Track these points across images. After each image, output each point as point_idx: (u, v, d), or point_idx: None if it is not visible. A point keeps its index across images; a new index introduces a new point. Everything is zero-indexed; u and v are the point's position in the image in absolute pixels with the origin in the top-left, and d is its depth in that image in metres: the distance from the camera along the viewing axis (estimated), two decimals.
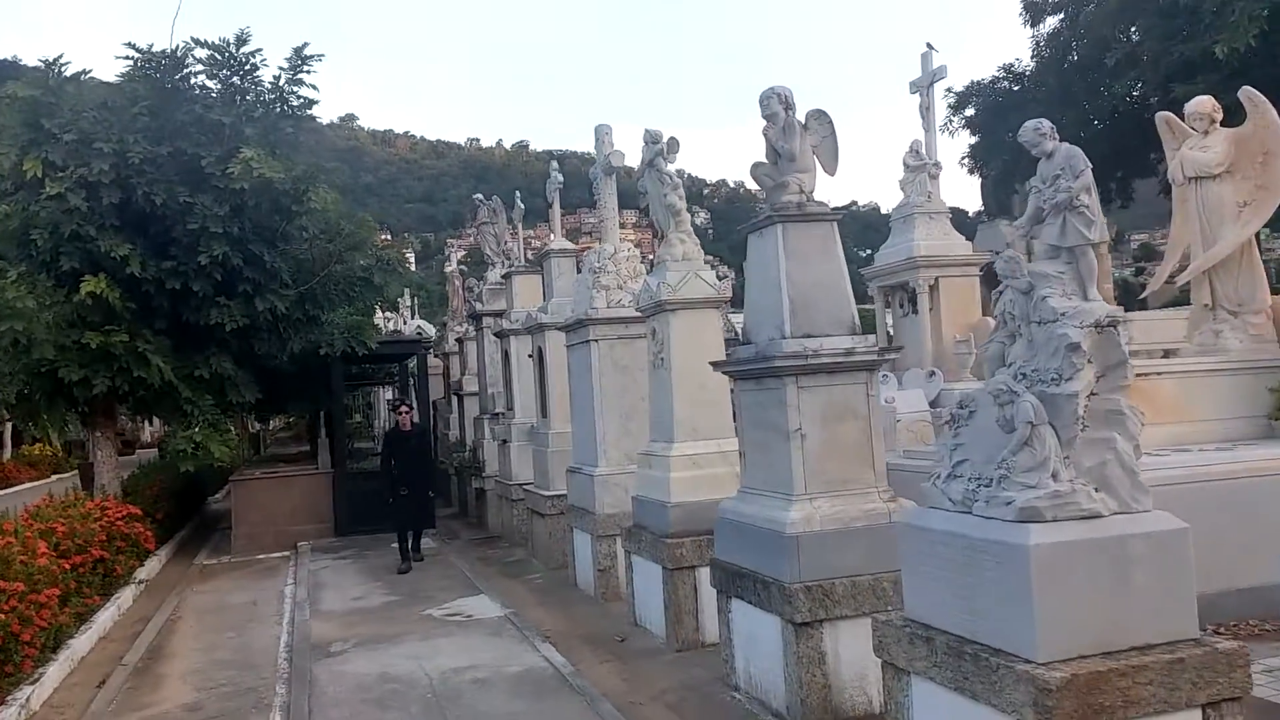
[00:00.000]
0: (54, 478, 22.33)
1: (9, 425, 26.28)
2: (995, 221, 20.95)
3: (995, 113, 25.05)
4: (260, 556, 13.86)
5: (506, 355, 13.44)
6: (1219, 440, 8.10)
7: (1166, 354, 8.92)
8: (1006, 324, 4.38)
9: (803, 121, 6.07)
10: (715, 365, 6.48)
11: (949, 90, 26.26)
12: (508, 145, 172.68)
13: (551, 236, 11.64)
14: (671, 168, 7.76)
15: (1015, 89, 24.85)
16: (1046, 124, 4.18)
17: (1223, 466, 7.07)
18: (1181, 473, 6.82)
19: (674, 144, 7.73)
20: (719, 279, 7.88)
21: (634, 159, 8.98)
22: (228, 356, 13.54)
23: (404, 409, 12.76)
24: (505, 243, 15.34)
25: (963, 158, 27.57)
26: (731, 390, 8.28)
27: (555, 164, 11.84)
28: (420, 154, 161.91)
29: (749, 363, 6.01)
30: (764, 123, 6.14)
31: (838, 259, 6.00)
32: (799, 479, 5.69)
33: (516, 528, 12.92)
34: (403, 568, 11.64)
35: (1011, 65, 24.98)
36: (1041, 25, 23.86)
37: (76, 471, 21.75)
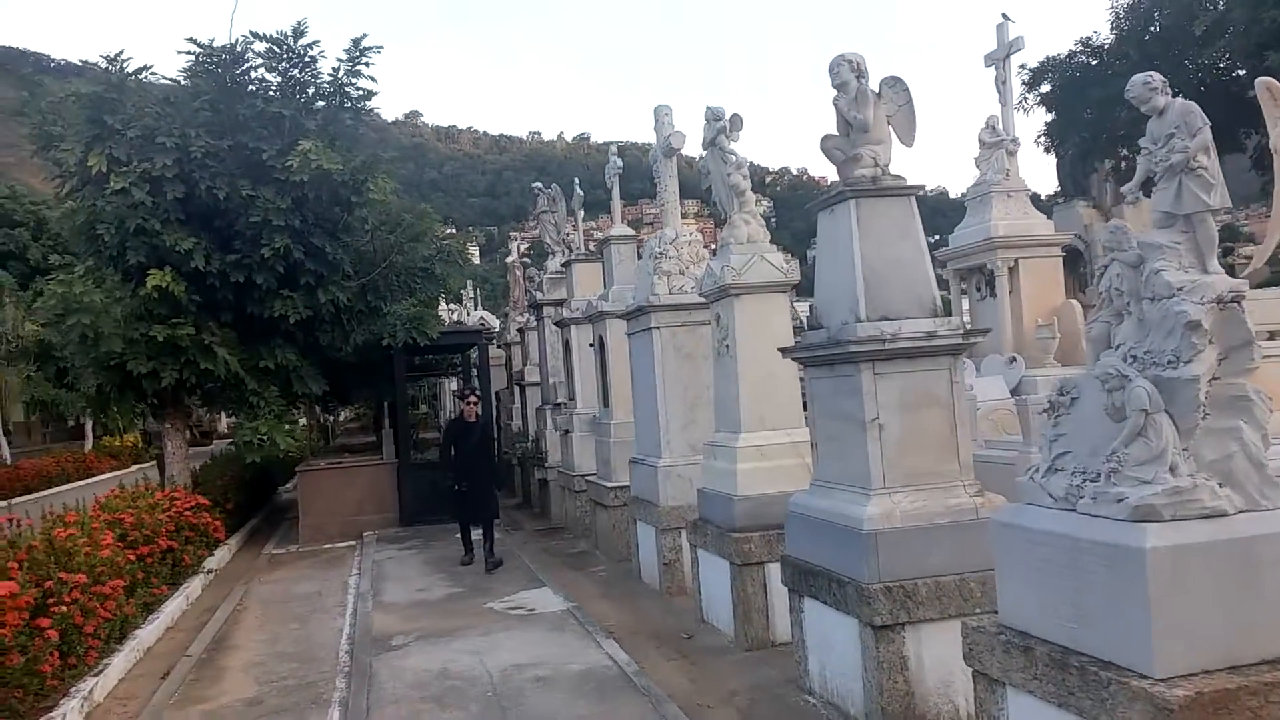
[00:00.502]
0: (134, 468, 22.93)
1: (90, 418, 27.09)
2: (1072, 202, 20.08)
3: (1072, 88, 24.04)
4: (326, 546, 13.90)
5: (567, 344, 13.22)
6: None
7: (1273, 336, 8.29)
8: (1112, 301, 3.96)
9: (876, 90, 5.68)
10: (784, 352, 6.12)
11: (1022, 66, 25.31)
12: (569, 138, 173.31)
13: (612, 224, 11.36)
14: (735, 146, 7.40)
15: (1093, 63, 23.80)
16: (1157, 77, 3.73)
17: None
18: None
19: (737, 121, 7.37)
20: (785, 262, 7.50)
21: (695, 142, 8.66)
22: (292, 348, 13.60)
23: (471, 399, 11.70)
24: (565, 231, 15.12)
25: (1038, 136, 26.53)
26: (801, 378, 7.93)
27: (615, 149, 11.55)
28: (483, 149, 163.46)
29: (820, 348, 5.65)
30: (834, 93, 5.76)
31: (916, 236, 5.60)
32: (877, 472, 5.32)
33: (579, 519, 12.72)
34: (465, 559, 11.22)
35: (1089, 38, 23.94)
36: None
37: (154, 462, 22.24)
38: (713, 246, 9.34)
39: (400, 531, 14.44)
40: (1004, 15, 12.75)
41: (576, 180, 14.64)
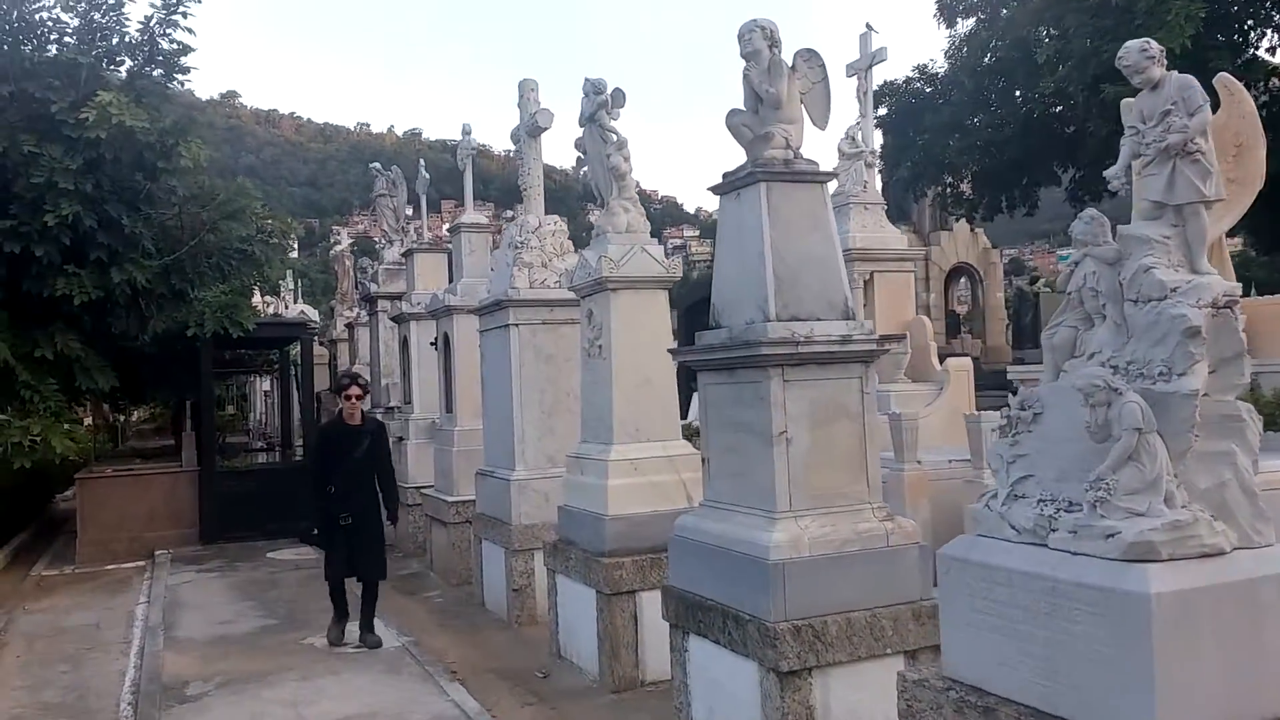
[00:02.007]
0: None
1: None
2: (895, 225, 20.65)
3: (907, 114, 24.78)
4: (110, 567, 12.06)
5: (405, 342, 12.05)
6: None
7: None
8: (1083, 303, 3.45)
9: (790, 63, 5.06)
10: (676, 353, 5.40)
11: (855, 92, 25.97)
12: (399, 132, 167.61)
13: (463, 210, 10.34)
14: (616, 124, 6.64)
15: (928, 90, 24.64)
16: (1155, 46, 3.28)
17: None
18: None
19: (619, 96, 6.62)
20: (666, 256, 6.81)
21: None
22: (76, 335, 11.71)
23: (354, 391, 7.80)
24: (404, 218, 13.90)
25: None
26: (691, 387, 7.27)
27: (467, 126, 10.50)
28: (307, 136, 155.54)
29: (720, 350, 4.96)
30: (743, 63, 5.10)
31: (829, 228, 5.02)
32: (783, 492, 4.67)
33: (411, 536, 11.57)
34: (334, 634, 7.65)
35: (925, 65, 24.77)
36: (957, 26, 23.69)
37: None
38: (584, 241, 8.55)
39: (201, 550, 12.72)
40: (868, 25, 12.66)
41: (422, 162, 13.48)
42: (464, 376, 9.81)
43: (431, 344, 10.69)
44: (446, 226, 10.60)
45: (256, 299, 18.54)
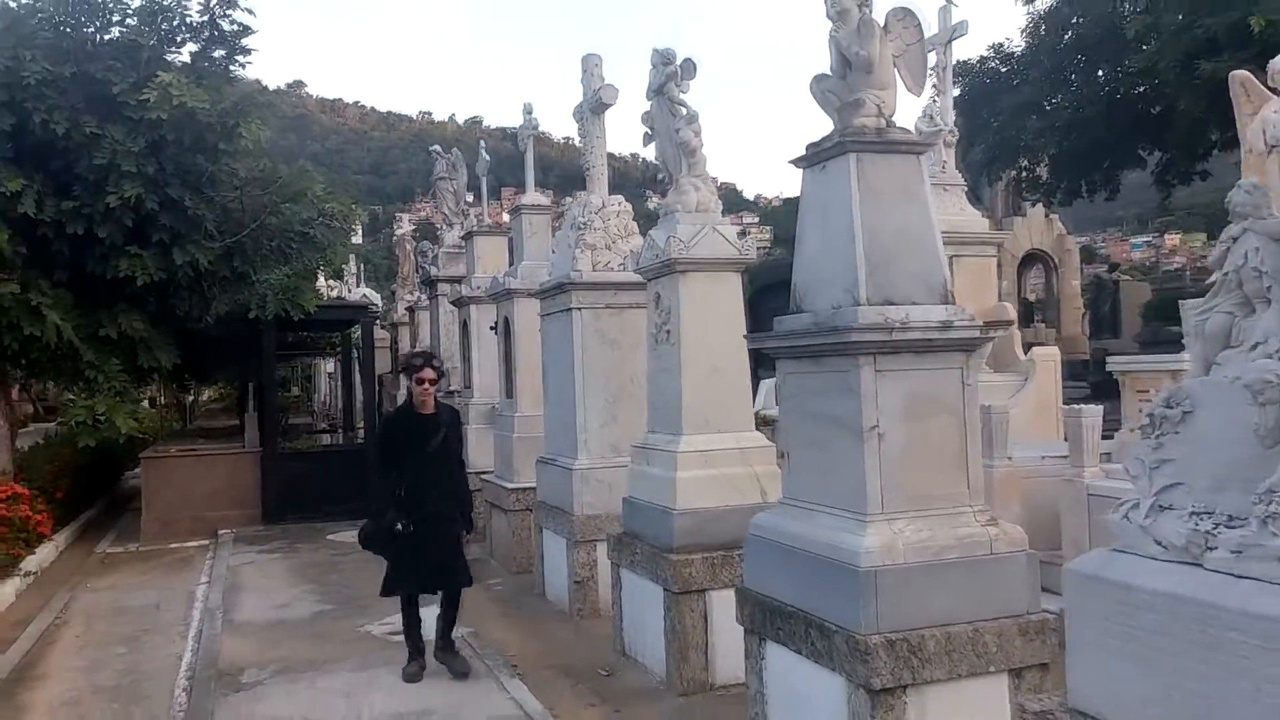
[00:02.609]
0: None
1: None
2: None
3: (982, 95, 23.93)
4: (173, 545, 12.10)
5: (465, 326, 11.83)
6: None
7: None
8: (1242, 285, 2.98)
9: (881, 23, 4.61)
10: (753, 339, 5.00)
11: (933, 68, 25.09)
12: (460, 120, 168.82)
13: (523, 193, 10.03)
14: (686, 96, 6.25)
15: (1004, 70, 23.73)
16: None
17: None
18: None
19: (689, 67, 6.22)
20: (739, 237, 6.40)
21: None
22: (140, 315, 11.72)
23: (427, 374, 6.43)
24: (465, 201, 13.68)
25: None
26: (759, 374, 6.89)
27: (528, 105, 10.18)
28: (370, 125, 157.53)
29: (804, 337, 4.55)
30: (830, 24, 4.67)
31: (926, 203, 4.58)
32: (874, 492, 4.26)
33: (474, 519, 11.33)
34: (410, 670, 6.28)
35: (1002, 44, 23.84)
36: (1035, 2, 22.73)
37: None
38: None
39: (262, 530, 12.72)
40: None
41: (482, 144, 13.22)
42: (525, 361, 9.53)
43: (491, 328, 10.44)
44: (507, 210, 10.30)
45: (320, 282, 18.55)
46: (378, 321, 18.02)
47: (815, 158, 4.61)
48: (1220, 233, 3.27)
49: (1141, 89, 20.49)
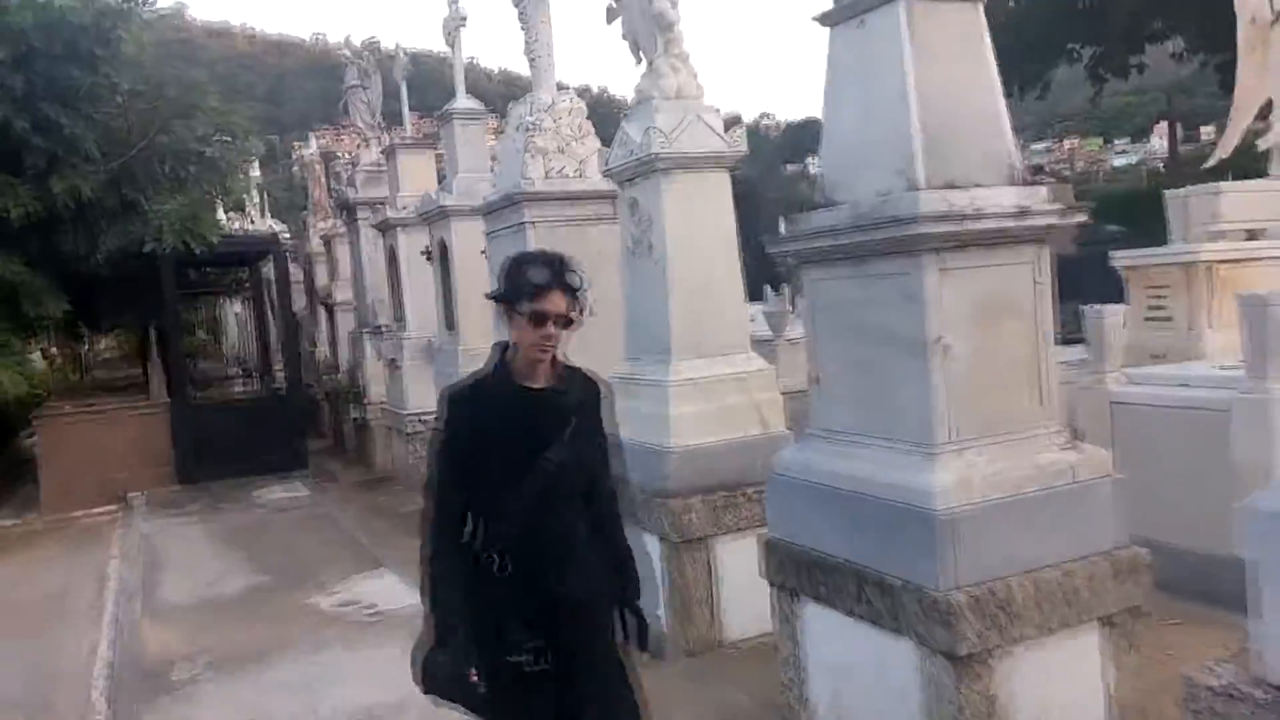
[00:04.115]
0: None
1: None
2: None
3: None
4: (78, 514, 10.87)
5: (393, 253, 10.69)
6: None
7: (1252, 235, 7.17)
8: None
9: None
10: (776, 241, 4.12)
11: None
12: (357, 42, 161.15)
13: (454, 99, 8.85)
14: None
15: None
16: None
17: None
18: None
19: None
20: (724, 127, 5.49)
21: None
22: (19, 256, 10.27)
23: (554, 302, 2.71)
24: (380, 115, 12.36)
25: None
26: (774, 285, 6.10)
27: (456, 3, 8.90)
28: (260, 49, 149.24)
29: (844, 233, 3.71)
30: None
31: (989, 64, 3.75)
32: (942, 419, 3.50)
33: (415, 466, 10.41)
34: None
35: None
36: None
37: None
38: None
39: (178, 492, 11.51)
40: None
41: (399, 44, 11.84)
42: (467, 289, 8.52)
43: (424, 253, 9.36)
44: (436, 114, 9.13)
45: (221, 215, 16.93)
46: (290, 256, 16.58)
47: (851, 8, 3.71)
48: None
49: None
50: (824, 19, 3.87)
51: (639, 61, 5.45)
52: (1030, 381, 3.70)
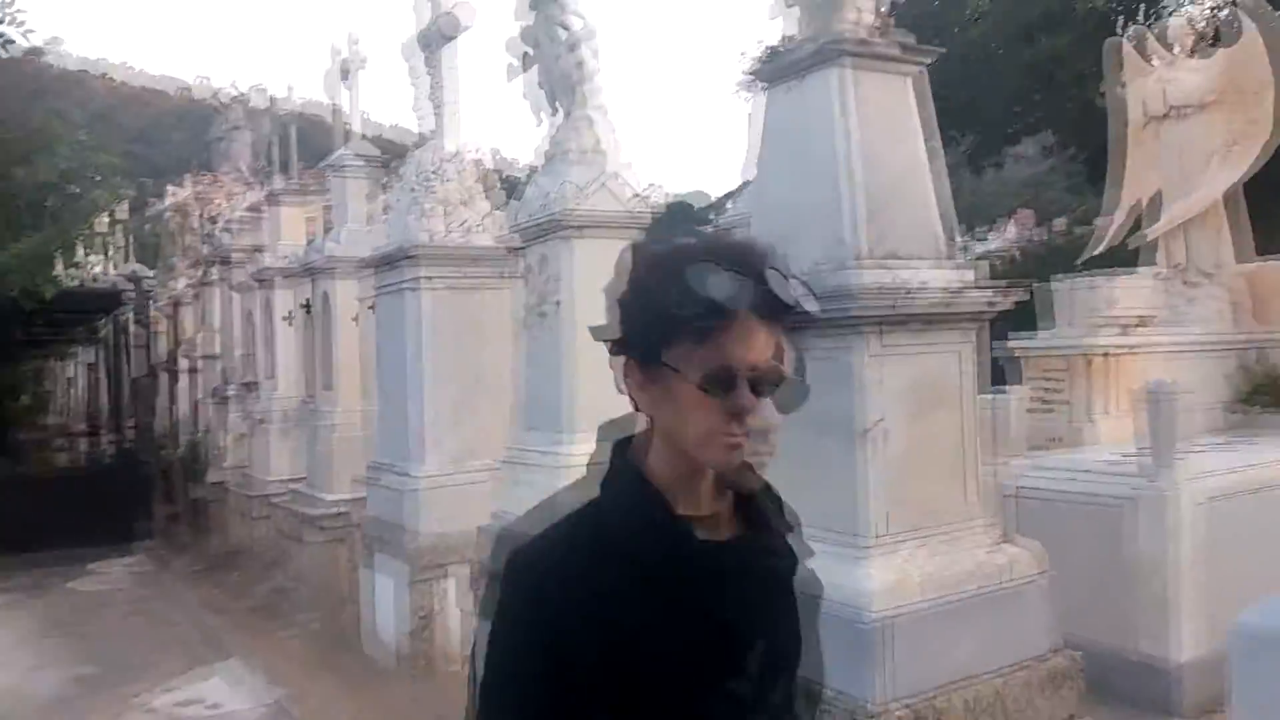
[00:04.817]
0: None
1: None
2: None
3: None
4: None
5: (268, 305, 9.96)
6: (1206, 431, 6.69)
7: (1139, 324, 7.33)
8: None
9: None
10: None
11: (743, 53, 24.73)
12: (238, 89, 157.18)
13: (343, 145, 8.36)
14: (579, 7, 4.99)
15: None
16: None
17: None
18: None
19: None
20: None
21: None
22: None
23: (750, 366, 1.21)
24: (263, 160, 11.68)
25: None
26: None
27: (356, 44, 8.45)
28: (132, 92, 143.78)
29: None
30: None
31: (919, 136, 3.59)
32: (878, 511, 3.23)
33: (271, 545, 9.54)
34: None
35: None
36: None
37: None
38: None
39: None
40: None
41: (289, 85, 11.26)
42: (348, 346, 7.95)
43: (304, 306, 8.72)
44: (323, 163, 8.58)
45: (80, 258, 15.64)
46: (152, 302, 15.40)
47: (788, 70, 3.51)
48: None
49: (965, 68, 20.88)
50: (759, 75, 3.67)
51: (554, 113, 5.14)
52: (962, 472, 3.48)
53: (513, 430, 5.56)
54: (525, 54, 5.10)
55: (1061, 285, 7.85)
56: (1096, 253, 8.05)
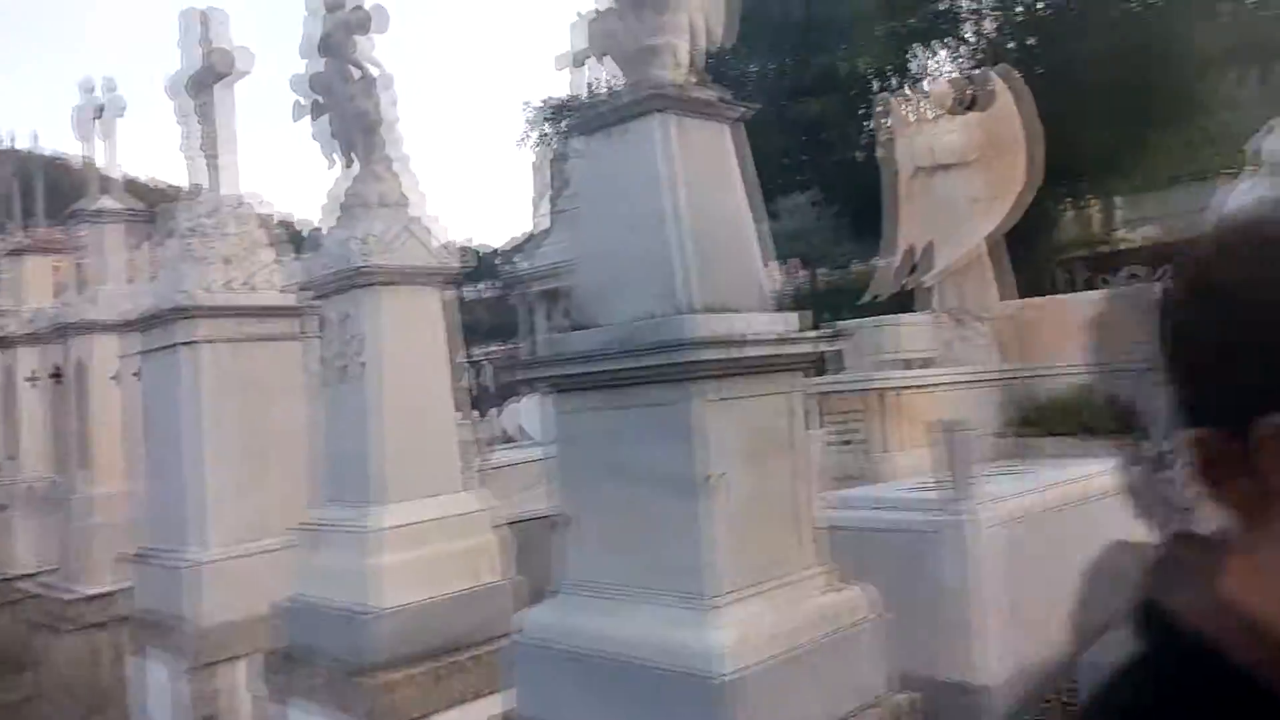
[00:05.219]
0: None
1: None
2: None
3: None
4: None
5: (9, 373, 8.75)
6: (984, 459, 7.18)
7: (909, 364, 7.83)
8: None
9: None
10: (528, 369, 3.62)
11: (527, 104, 24.87)
12: None
13: (101, 192, 7.49)
14: (373, 52, 4.73)
15: None
16: None
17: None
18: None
19: (381, 15, 4.70)
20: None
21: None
22: None
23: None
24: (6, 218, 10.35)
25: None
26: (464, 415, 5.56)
27: (114, 90, 7.64)
28: None
29: (608, 359, 3.31)
30: None
31: (740, 185, 3.60)
32: (722, 566, 3.14)
33: (18, 645, 8.31)
34: None
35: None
36: None
37: None
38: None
39: None
40: None
41: (35, 132, 10.05)
42: (107, 418, 7.09)
43: (53, 375, 7.71)
44: (74, 216, 7.62)
45: None
46: None
47: (608, 118, 3.42)
48: None
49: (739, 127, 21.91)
50: (579, 127, 3.55)
51: (349, 164, 4.81)
52: (796, 519, 3.46)
53: (311, 501, 5.10)
54: (316, 101, 4.75)
55: (850, 327, 8.28)
56: (878, 296, 8.58)
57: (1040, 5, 14.58)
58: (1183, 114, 13.43)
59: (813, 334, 3.49)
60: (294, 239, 7.45)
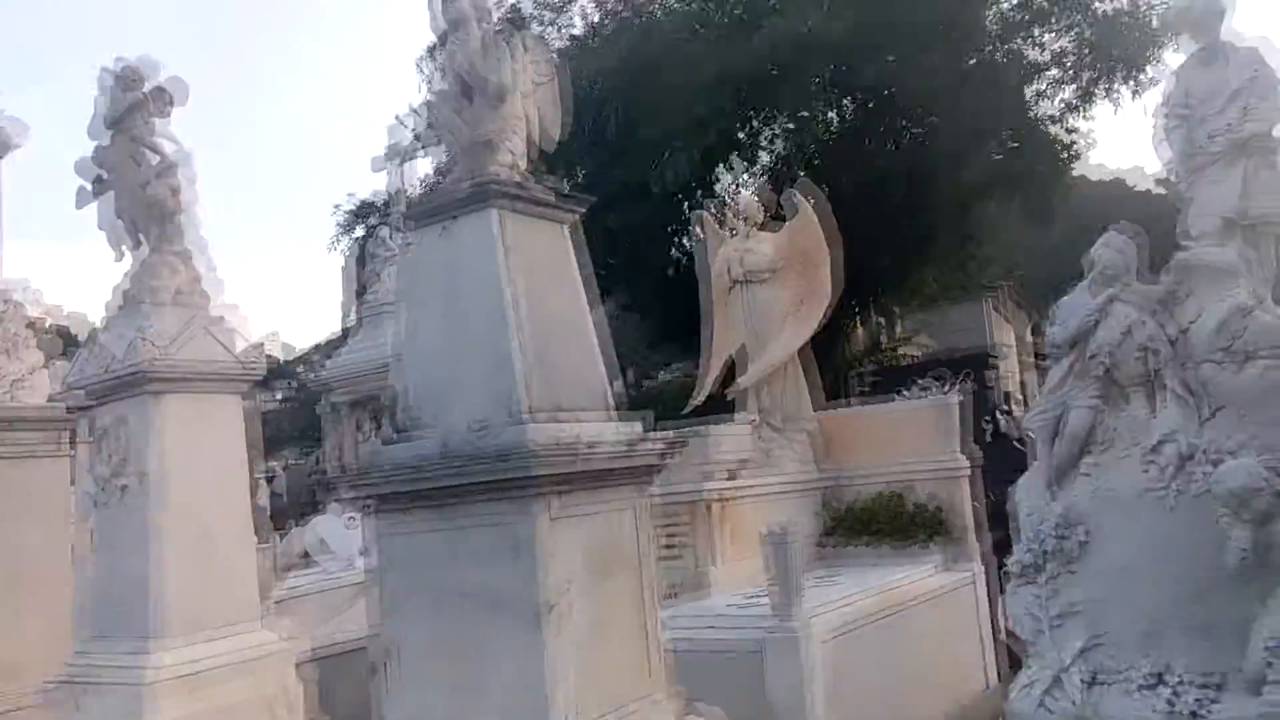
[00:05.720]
0: None
1: None
2: None
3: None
4: None
5: None
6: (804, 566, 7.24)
7: (732, 475, 7.83)
8: (1115, 369, 2.35)
9: (509, 47, 3.46)
10: (353, 480, 3.20)
11: (337, 207, 24.18)
12: None
13: None
14: (169, 128, 4.29)
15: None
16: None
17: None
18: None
19: (180, 89, 4.29)
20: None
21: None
22: None
23: None
24: None
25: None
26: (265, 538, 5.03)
27: None
28: None
29: (431, 472, 2.98)
30: (444, 40, 3.40)
31: (579, 284, 3.43)
32: (565, 698, 2.82)
33: None
34: None
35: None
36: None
37: None
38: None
39: None
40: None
41: None
42: None
43: None
44: None
45: None
46: None
47: (439, 211, 3.18)
48: None
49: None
50: (411, 215, 3.30)
51: (136, 245, 4.29)
52: (644, 640, 3.22)
53: (76, 639, 4.32)
54: (99, 178, 4.24)
55: (670, 433, 8.18)
56: (698, 402, 8.58)
57: (828, 132, 15.68)
58: (955, 235, 14.67)
59: (659, 441, 3.31)
60: (67, 337, 6.64)
